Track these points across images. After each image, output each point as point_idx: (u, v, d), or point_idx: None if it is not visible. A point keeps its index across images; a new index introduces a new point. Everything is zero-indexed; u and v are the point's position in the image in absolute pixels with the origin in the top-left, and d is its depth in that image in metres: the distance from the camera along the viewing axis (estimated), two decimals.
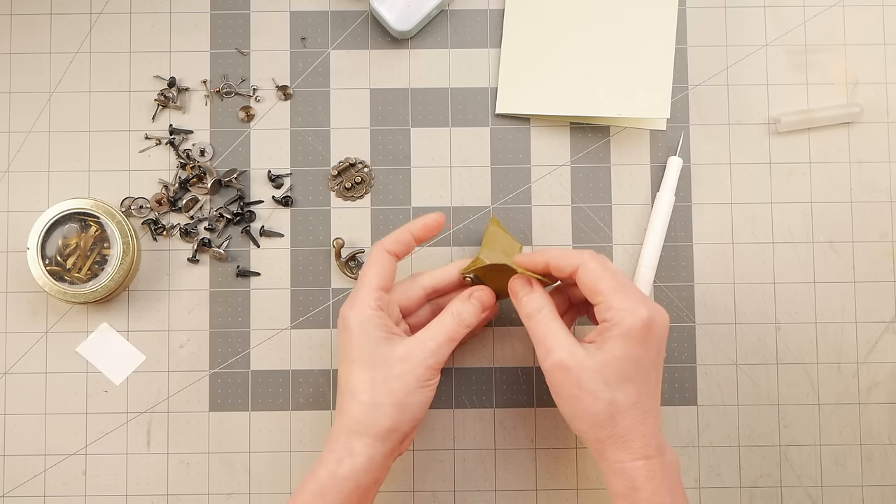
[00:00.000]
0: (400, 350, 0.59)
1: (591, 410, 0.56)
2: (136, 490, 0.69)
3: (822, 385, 0.70)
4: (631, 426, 0.56)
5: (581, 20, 0.70)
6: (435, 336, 0.60)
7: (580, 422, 0.57)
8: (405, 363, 0.58)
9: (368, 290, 0.60)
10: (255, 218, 0.71)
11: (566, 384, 0.57)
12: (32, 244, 0.67)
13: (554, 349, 0.57)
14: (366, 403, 0.58)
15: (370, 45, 0.72)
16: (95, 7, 0.72)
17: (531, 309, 0.60)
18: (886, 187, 0.71)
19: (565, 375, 0.57)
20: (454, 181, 0.71)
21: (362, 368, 0.59)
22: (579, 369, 0.56)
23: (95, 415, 0.70)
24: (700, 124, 0.72)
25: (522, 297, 0.61)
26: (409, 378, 0.58)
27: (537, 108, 0.70)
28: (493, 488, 0.69)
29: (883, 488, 0.70)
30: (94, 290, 0.67)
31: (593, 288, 0.58)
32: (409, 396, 0.58)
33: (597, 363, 0.56)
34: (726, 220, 0.71)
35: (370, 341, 0.59)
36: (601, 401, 0.56)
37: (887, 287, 0.71)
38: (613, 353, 0.56)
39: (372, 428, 0.58)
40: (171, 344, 0.70)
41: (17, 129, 0.71)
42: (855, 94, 0.72)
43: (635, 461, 0.56)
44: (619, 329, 0.56)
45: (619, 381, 0.56)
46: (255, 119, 0.72)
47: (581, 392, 0.56)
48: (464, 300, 0.62)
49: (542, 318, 0.59)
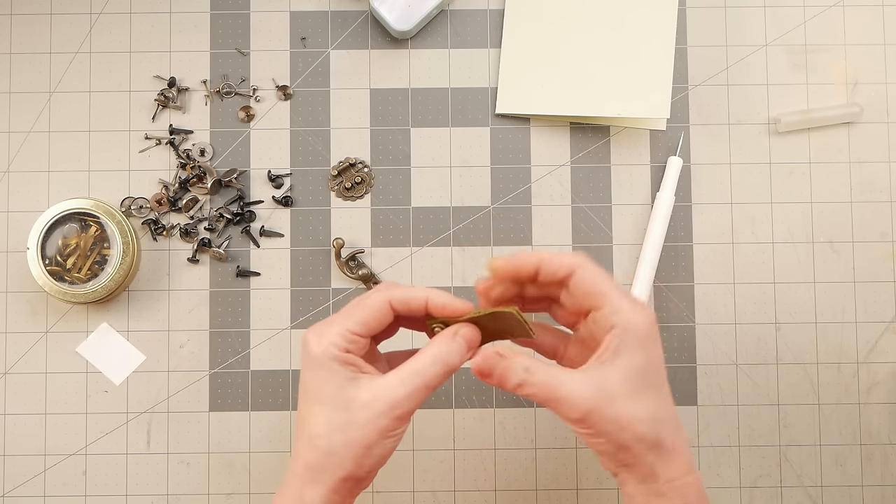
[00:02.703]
0: (364, 394, 0.51)
1: (640, 433, 0.50)
2: (136, 490, 0.69)
3: (822, 385, 0.70)
4: (671, 438, 0.51)
5: (581, 20, 0.70)
6: (407, 381, 0.51)
7: (631, 451, 0.51)
8: (368, 410, 0.50)
9: (342, 330, 0.52)
10: (255, 218, 0.71)
11: (605, 422, 0.50)
12: (32, 244, 0.67)
13: (576, 402, 0.50)
14: (321, 449, 0.51)
15: (370, 45, 0.72)
16: (95, 7, 0.72)
17: (521, 378, 0.51)
18: (886, 187, 0.71)
19: (601, 417, 0.50)
20: (454, 181, 0.71)
21: (322, 408, 0.51)
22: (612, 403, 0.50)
23: (95, 415, 0.70)
24: (700, 124, 0.72)
25: (501, 370, 0.52)
26: (371, 428, 0.50)
27: (537, 108, 0.70)
28: (493, 488, 0.69)
29: (883, 488, 0.70)
30: (94, 290, 0.67)
31: (595, 290, 0.52)
32: (369, 448, 0.50)
33: (624, 385, 0.50)
34: (726, 220, 0.71)
35: (333, 379, 0.51)
36: (646, 423, 0.50)
37: (887, 287, 0.71)
38: (635, 364, 0.51)
39: (325, 477, 0.51)
40: (171, 344, 0.70)
41: (17, 129, 0.71)
42: (855, 94, 0.72)
43: (685, 476, 0.51)
44: (634, 335, 0.51)
45: (654, 392, 0.51)
46: (255, 119, 0.72)
47: (621, 421, 0.50)
48: (447, 338, 0.53)
49: (538, 380, 0.51)
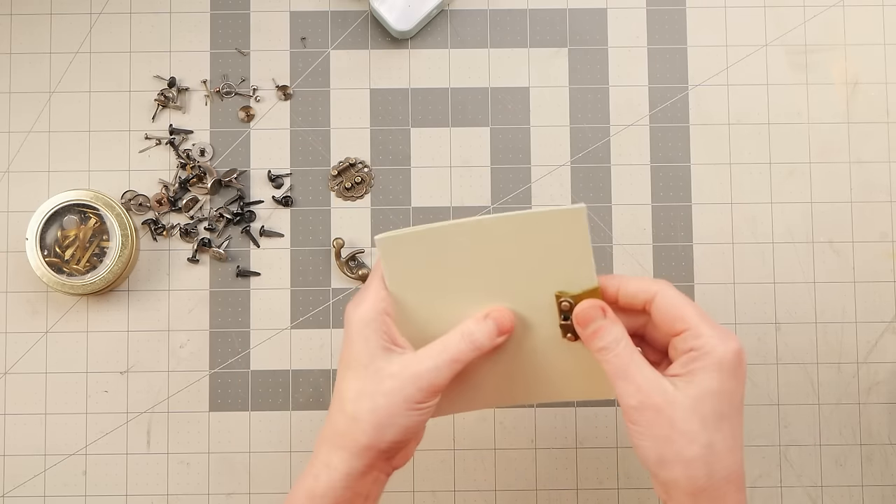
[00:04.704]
0: (394, 366, 0.53)
1: (686, 455, 0.49)
2: (136, 490, 0.69)
3: (822, 385, 0.70)
4: (727, 477, 0.49)
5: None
6: (435, 354, 0.53)
7: (671, 468, 0.49)
8: (395, 379, 0.52)
9: (377, 289, 0.54)
10: (255, 218, 0.71)
11: (656, 425, 0.49)
12: (31, 234, 0.67)
13: (641, 386, 0.50)
14: (348, 414, 0.53)
15: (370, 45, 0.72)
16: (95, 7, 0.72)
17: (609, 341, 0.52)
18: (886, 187, 0.71)
19: (656, 416, 0.49)
20: (454, 181, 0.71)
21: (354, 376, 0.53)
22: (671, 407, 0.49)
23: (95, 415, 0.70)
24: (700, 124, 0.72)
25: (596, 327, 0.52)
26: (397, 397, 0.52)
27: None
28: (493, 488, 0.69)
29: (883, 488, 0.70)
30: (92, 282, 0.67)
31: (677, 314, 0.51)
32: (393, 417, 0.52)
33: (690, 399, 0.49)
34: (726, 220, 0.71)
35: (367, 348, 0.53)
36: (697, 444, 0.49)
37: (887, 287, 0.71)
38: (708, 387, 0.49)
39: (349, 442, 0.53)
40: (171, 344, 0.70)
41: (17, 129, 0.71)
42: (855, 94, 0.72)
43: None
44: (712, 358, 0.50)
45: (717, 421, 0.49)
46: (255, 119, 0.72)
47: (674, 433, 0.49)
48: (478, 320, 0.54)
49: (621, 352, 0.51)
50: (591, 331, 0.52)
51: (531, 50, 0.72)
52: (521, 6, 0.72)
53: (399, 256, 0.54)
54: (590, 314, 0.52)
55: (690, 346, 0.50)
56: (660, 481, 0.51)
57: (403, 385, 0.52)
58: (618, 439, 0.70)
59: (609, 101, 0.72)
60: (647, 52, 0.72)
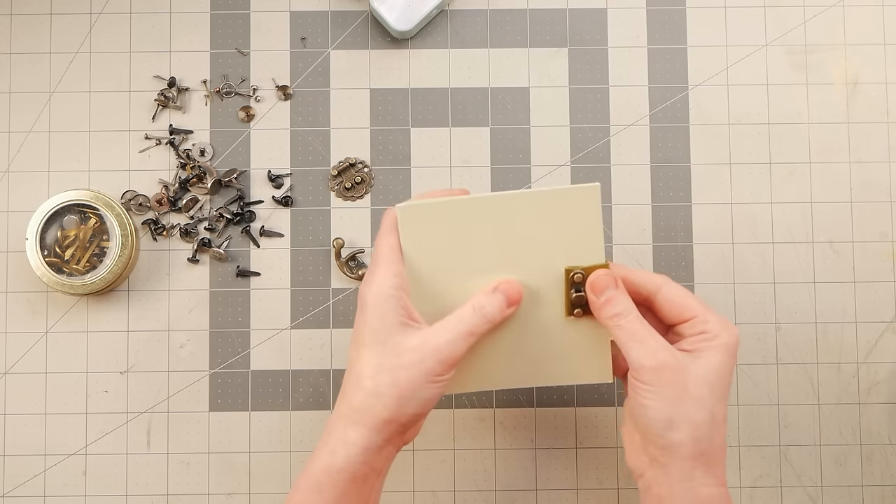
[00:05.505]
0: (413, 340, 0.54)
1: (695, 419, 0.52)
2: (136, 490, 0.69)
3: (822, 385, 0.70)
4: (720, 446, 0.54)
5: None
6: (452, 327, 0.54)
7: (679, 429, 0.52)
8: (415, 353, 0.53)
9: (388, 265, 0.55)
10: (255, 218, 0.71)
11: (671, 386, 0.52)
12: (31, 234, 0.67)
13: (658, 349, 0.53)
14: (368, 390, 0.54)
15: (370, 45, 0.72)
16: (95, 7, 0.72)
17: (622, 308, 0.55)
18: (886, 187, 0.71)
19: (672, 376, 0.53)
20: (454, 181, 0.71)
21: (372, 352, 0.54)
22: (684, 373, 0.53)
23: (95, 415, 0.70)
24: (700, 124, 0.72)
25: (610, 294, 0.55)
26: (418, 370, 0.53)
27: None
28: (493, 488, 0.69)
29: (883, 488, 0.70)
30: (92, 281, 0.67)
31: (685, 304, 0.55)
32: (414, 391, 0.53)
33: (702, 369, 0.53)
34: (726, 220, 0.71)
35: (385, 324, 0.54)
36: (706, 410, 0.52)
37: (887, 287, 0.71)
38: (715, 363, 0.53)
39: (369, 418, 0.54)
40: (171, 344, 0.70)
41: (17, 129, 0.71)
42: (855, 94, 0.72)
43: (719, 486, 0.53)
44: (719, 340, 0.54)
45: (720, 393, 0.53)
46: (255, 119, 0.72)
47: (686, 396, 0.52)
48: (487, 293, 0.56)
49: (634, 318, 0.54)
50: (605, 298, 0.55)
51: (531, 50, 0.72)
52: (521, 6, 0.72)
53: (416, 227, 0.56)
54: (605, 281, 0.55)
55: (700, 329, 0.54)
56: (661, 444, 0.53)
57: (423, 358, 0.53)
58: (617, 439, 0.70)
59: (609, 101, 0.72)
60: (647, 52, 0.72)
